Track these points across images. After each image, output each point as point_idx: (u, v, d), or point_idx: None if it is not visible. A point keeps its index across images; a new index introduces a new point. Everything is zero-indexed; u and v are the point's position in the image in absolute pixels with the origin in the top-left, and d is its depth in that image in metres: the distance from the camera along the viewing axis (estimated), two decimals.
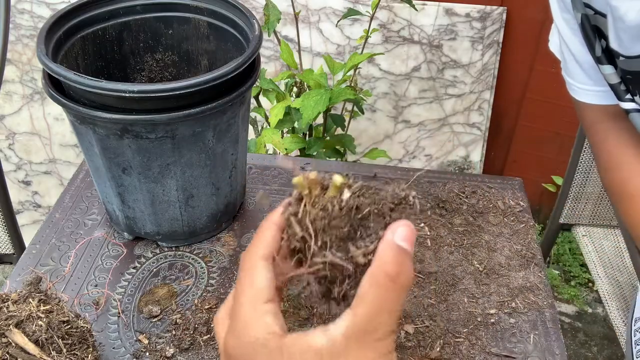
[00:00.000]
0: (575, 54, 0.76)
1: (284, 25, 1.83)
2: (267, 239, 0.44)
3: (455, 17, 1.82)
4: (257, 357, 0.40)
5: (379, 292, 0.40)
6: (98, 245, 0.92)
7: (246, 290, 0.43)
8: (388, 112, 1.98)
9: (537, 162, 2.11)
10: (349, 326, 0.40)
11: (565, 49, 0.77)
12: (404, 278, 0.40)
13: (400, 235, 0.41)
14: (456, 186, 1.04)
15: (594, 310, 2.05)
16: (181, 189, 0.85)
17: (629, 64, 0.67)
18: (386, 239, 0.41)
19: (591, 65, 0.74)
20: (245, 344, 0.41)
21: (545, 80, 1.90)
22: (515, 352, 0.78)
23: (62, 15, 0.83)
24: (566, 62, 0.79)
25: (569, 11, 0.73)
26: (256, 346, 0.40)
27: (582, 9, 0.69)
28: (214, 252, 0.92)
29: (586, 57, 0.74)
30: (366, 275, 0.41)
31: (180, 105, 0.75)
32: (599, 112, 0.78)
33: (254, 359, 0.40)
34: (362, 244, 0.42)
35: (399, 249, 0.40)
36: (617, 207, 0.80)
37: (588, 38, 0.71)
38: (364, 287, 0.40)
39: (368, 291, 0.40)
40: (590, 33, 0.70)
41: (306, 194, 0.43)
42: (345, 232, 0.42)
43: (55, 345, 0.65)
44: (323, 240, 0.42)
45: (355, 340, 0.39)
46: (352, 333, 0.39)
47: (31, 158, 2.02)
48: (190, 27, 0.93)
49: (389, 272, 0.40)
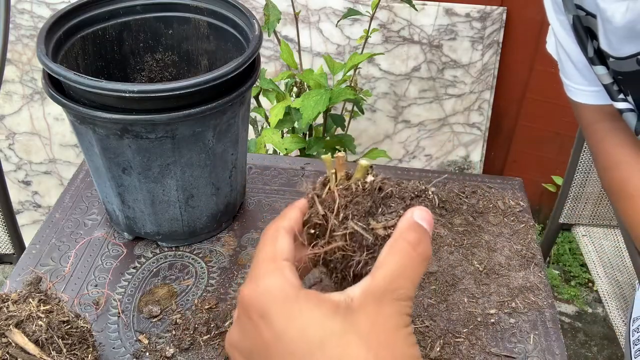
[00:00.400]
0: (570, 55, 0.76)
1: (284, 25, 1.83)
2: (291, 217, 0.45)
3: (455, 17, 1.82)
4: (272, 305, 0.39)
5: (399, 257, 0.40)
6: (98, 245, 0.92)
7: (267, 248, 0.42)
8: (388, 112, 1.98)
9: (537, 162, 2.11)
10: (367, 285, 0.39)
11: (560, 50, 0.78)
12: (424, 247, 0.41)
13: (419, 216, 0.42)
14: (456, 186, 1.04)
15: (594, 310, 2.05)
16: (181, 189, 0.85)
17: (619, 65, 0.68)
18: (406, 216, 0.42)
19: (586, 65, 0.74)
20: (262, 291, 0.39)
21: (545, 80, 1.90)
22: (515, 352, 0.78)
23: (62, 15, 0.83)
24: (562, 63, 0.79)
25: (563, 12, 0.73)
26: (273, 293, 0.39)
27: (573, 10, 0.70)
28: (214, 252, 0.92)
29: (581, 57, 0.74)
30: (385, 246, 0.41)
31: (180, 105, 0.75)
32: (595, 112, 0.78)
33: (269, 307, 0.39)
34: (383, 219, 0.43)
35: (419, 224, 0.41)
36: (616, 207, 0.80)
37: (580, 39, 0.71)
38: (384, 255, 0.40)
39: (387, 257, 0.40)
40: (582, 34, 0.70)
41: (332, 174, 0.44)
42: (368, 207, 0.43)
43: (55, 345, 0.65)
44: (345, 214, 0.43)
45: (372, 297, 0.39)
46: (370, 291, 0.39)
47: (31, 158, 2.02)
48: (190, 27, 0.93)
49: (410, 239, 0.40)
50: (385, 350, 0.37)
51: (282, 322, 0.38)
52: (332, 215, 0.43)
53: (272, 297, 0.39)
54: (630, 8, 0.62)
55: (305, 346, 0.37)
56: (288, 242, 0.43)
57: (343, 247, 0.43)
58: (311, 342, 0.37)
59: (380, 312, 0.38)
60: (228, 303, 0.83)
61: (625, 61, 0.66)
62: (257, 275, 0.41)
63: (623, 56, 0.66)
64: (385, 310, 0.38)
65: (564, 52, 0.77)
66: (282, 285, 0.39)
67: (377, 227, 0.42)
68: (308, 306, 0.38)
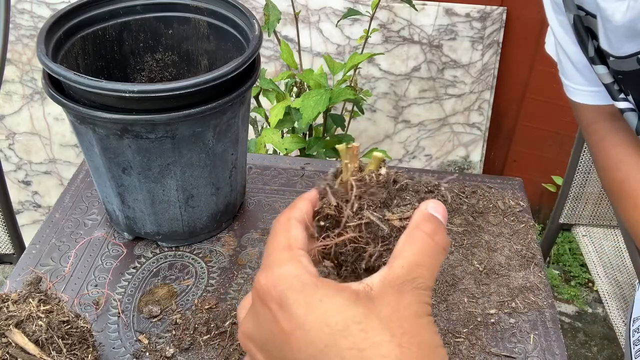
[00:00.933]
0: (570, 55, 0.76)
1: (284, 25, 1.83)
2: (301, 208, 0.43)
3: (455, 17, 1.82)
4: (290, 293, 0.37)
5: (417, 246, 0.39)
6: (98, 245, 0.92)
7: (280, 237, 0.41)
8: (388, 112, 1.98)
9: (537, 162, 2.11)
10: (386, 275, 0.38)
11: (560, 50, 0.78)
12: (441, 237, 0.40)
13: (433, 208, 0.41)
14: (456, 186, 1.04)
15: (594, 310, 2.05)
16: (181, 189, 0.85)
17: (619, 64, 0.68)
18: (420, 208, 0.42)
19: (585, 65, 0.74)
20: (279, 279, 0.38)
21: (545, 80, 1.90)
22: (515, 352, 0.78)
23: (62, 15, 0.83)
24: (562, 63, 0.79)
25: (563, 13, 0.73)
26: (291, 281, 0.38)
27: (574, 10, 0.70)
28: (214, 252, 0.92)
29: (580, 57, 0.74)
30: (402, 236, 0.40)
31: (180, 105, 0.75)
32: (595, 112, 0.78)
33: (287, 295, 0.37)
34: (398, 210, 0.42)
35: (433, 216, 0.41)
36: (616, 207, 0.80)
37: (581, 38, 0.71)
38: (401, 244, 0.40)
39: (405, 246, 0.39)
40: (583, 33, 0.70)
41: (346, 164, 0.43)
42: (383, 198, 0.42)
43: (55, 345, 0.65)
44: (360, 205, 0.42)
45: (391, 286, 0.38)
46: (389, 281, 0.38)
47: (31, 158, 2.02)
48: (190, 27, 0.93)
49: (427, 229, 0.40)
50: (409, 337, 0.36)
51: (301, 311, 0.37)
52: (347, 206, 0.42)
53: (290, 285, 0.38)
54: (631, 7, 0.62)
55: (327, 334, 0.36)
56: (301, 232, 0.42)
57: (356, 238, 0.41)
58: (333, 329, 0.36)
59: (401, 301, 0.37)
60: (228, 303, 0.83)
61: (626, 60, 0.66)
62: (272, 263, 0.39)
63: (623, 55, 0.66)
64: (406, 299, 0.38)
65: (564, 52, 0.77)
66: (300, 273, 0.38)
67: (392, 218, 0.41)
68: (328, 294, 0.37)
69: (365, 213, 0.42)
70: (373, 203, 0.42)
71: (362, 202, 0.42)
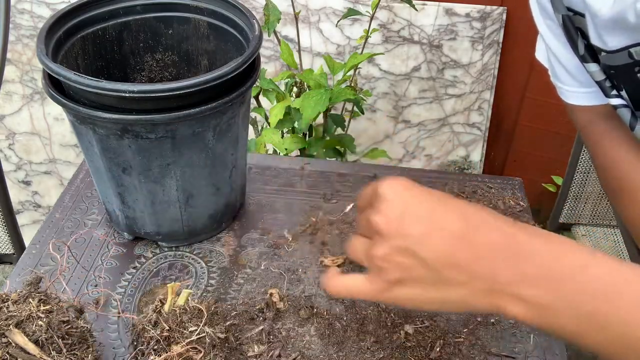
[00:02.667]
0: (560, 58, 0.77)
1: (284, 25, 1.83)
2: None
3: (455, 17, 1.82)
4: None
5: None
6: (98, 245, 0.92)
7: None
8: (388, 112, 1.98)
9: (537, 162, 2.10)
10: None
11: (550, 54, 0.79)
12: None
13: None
14: (456, 186, 1.04)
15: None
16: (181, 189, 0.85)
17: (611, 59, 0.68)
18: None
19: (576, 67, 0.75)
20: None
21: (545, 80, 1.88)
22: (515, 352, 0.78)
23: (62, 15, 0.83)
24: (553, 67, 0.80)
25: (551, 17, 0.74)
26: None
27: (563, 10, 0.70)
28: (214, 252, 0.92)
29: (571, 60, 0.75)
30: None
31: (180, 105, 0.75)
32: (590, 113, 0.79)
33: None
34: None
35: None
36: (615, 205, 0.80)
37: (571, 37, 0.72)
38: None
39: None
40: (572, 32, 0.71)
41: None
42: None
43: (55, 345, 0.65)
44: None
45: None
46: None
47: (31, 158, 2.02)
48: (190, 27, 0.93)
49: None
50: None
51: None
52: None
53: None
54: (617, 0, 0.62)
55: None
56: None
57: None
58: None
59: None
60: (228, 303, 0.83)
61: (617, 54, 0.66)
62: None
63: (614, 49, 0.66)
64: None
65: (554, 56, 0.78)
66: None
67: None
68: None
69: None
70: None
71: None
